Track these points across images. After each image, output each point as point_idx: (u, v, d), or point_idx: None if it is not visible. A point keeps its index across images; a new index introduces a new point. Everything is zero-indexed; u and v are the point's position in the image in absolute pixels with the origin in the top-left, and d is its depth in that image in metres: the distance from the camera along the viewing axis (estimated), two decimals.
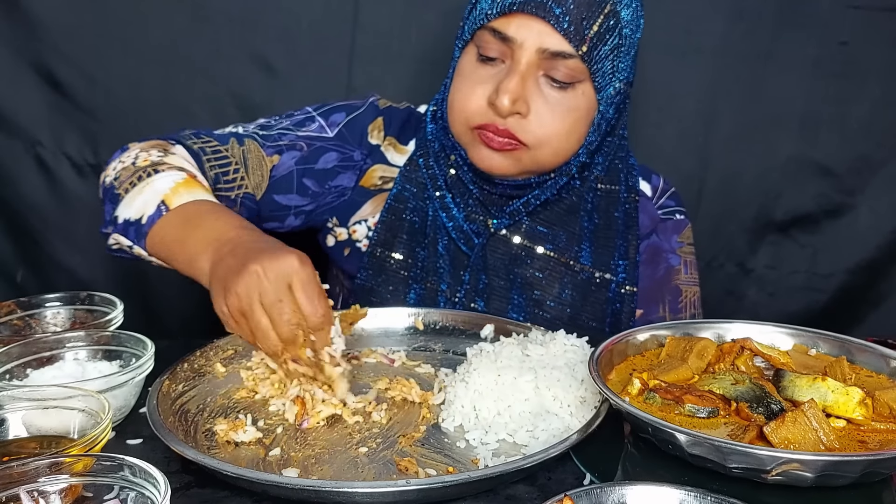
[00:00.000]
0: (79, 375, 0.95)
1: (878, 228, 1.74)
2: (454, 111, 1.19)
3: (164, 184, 1.05)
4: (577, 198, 1.27)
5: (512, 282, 1.26)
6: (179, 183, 1.06)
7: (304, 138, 1.27)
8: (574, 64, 1.10)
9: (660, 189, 1.36)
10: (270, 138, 1.25)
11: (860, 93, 1.67)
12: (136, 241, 1.05)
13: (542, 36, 1.09)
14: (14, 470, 0.66)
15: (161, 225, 1.03)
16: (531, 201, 1.24)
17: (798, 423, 0.76)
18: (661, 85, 1.67)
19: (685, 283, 1.34)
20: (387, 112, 1.32)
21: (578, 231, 1.27)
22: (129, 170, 1.09)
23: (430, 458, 0.84)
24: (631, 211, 1.30)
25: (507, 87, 1.11)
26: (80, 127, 1.65)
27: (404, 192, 1.28)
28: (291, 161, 1.25)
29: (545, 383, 0.90)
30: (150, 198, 1.04)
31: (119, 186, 1.08)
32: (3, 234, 1.70)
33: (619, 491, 0.67)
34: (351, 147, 1.29)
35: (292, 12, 1.62)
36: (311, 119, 1.29)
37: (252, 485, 0.76)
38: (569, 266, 1.26)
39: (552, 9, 1.07)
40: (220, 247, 0.96)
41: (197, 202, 1.05)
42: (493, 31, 1.12)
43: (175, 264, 1.03)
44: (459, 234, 1.26)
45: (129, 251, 1.08)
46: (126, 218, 1.05)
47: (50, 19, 1.58)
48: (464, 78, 1.18)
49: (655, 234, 1.34)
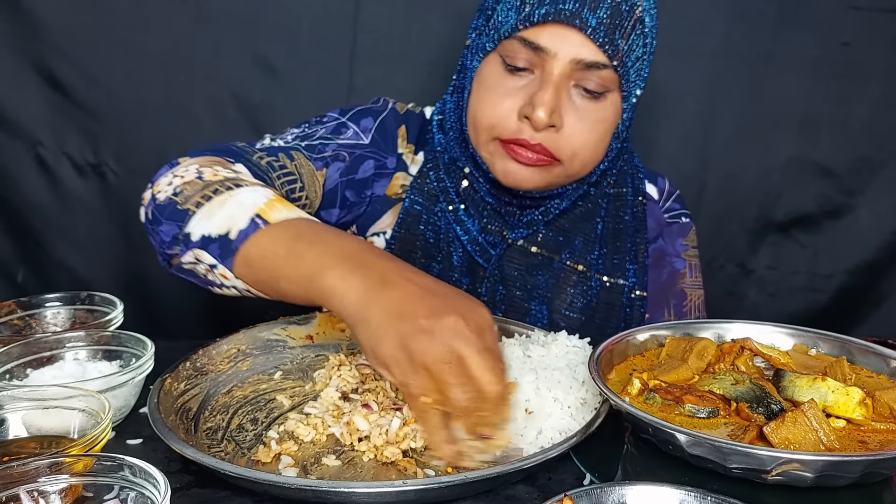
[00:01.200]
0: (79, 375, 0.96)
1: (879, 229, 1.74)
2: (479, 123, 1.14)
3: (253, 198, 0.91)
4: (593, 204, 1.25)
5: (530, 292, 1.24)
6: (272, 199, 0.91)
7: (344, 147, 1.21)
8: (607, 74, 1.08)
9: (666, 192, 1.34)
10: (314, 149, 1.17)
11: (861, 93, 1.67)
12: (222, 260, 0.88)
13: (576, 46, 1.05)
14: (14, 470, 0.66)
15: (259, 239, 0.87)
16: (551, 210, 1.21)
17: (798, 424, 0.76)
18: (661, 85, 1.67)
19: (690, 286, 1.33)
20: (405, 118, 1.28)
21: (594, 237, 1.25)
22: (196, 184, 0.93)
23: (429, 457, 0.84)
24: (639, 214, 1.28)
25: (544, 100, 1.06)
26: (82, 127, 1.66)
27: (415, 205, 1.24)
28: (337, 174, 1.19)
29: (546, 384, 0.90)
30: (238, 212, 0.89)
31: (185, 202, 0.91)
32: (4, 234, 1.70)
33: (619, 491, 0.67)
34: (384, 153, 1.25)
35: (293, 13, 1.62)
36: (344, 126, 1.23)
37: (252, 485, 0.76)
38: (584, 273, 1.25)
39: (587, 19, 1.04)
40: (365, 269, 0.82)
41: (303, 219, 0.91)
42: (523, 41, 1.07)
43: (281, 283, 0.87)
44: (475, 247, 1.23)
45: (202, 275, 0.92)
46: (205, 234, 0.89)
47: (51, 20, 1.58)
48: (488, 89, 1.13)
49: (661, 238, 1.32)
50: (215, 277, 0.91)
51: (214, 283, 0.92)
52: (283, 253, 0.86)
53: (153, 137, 1.64)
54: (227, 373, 1.03)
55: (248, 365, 1.05)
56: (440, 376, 0.77)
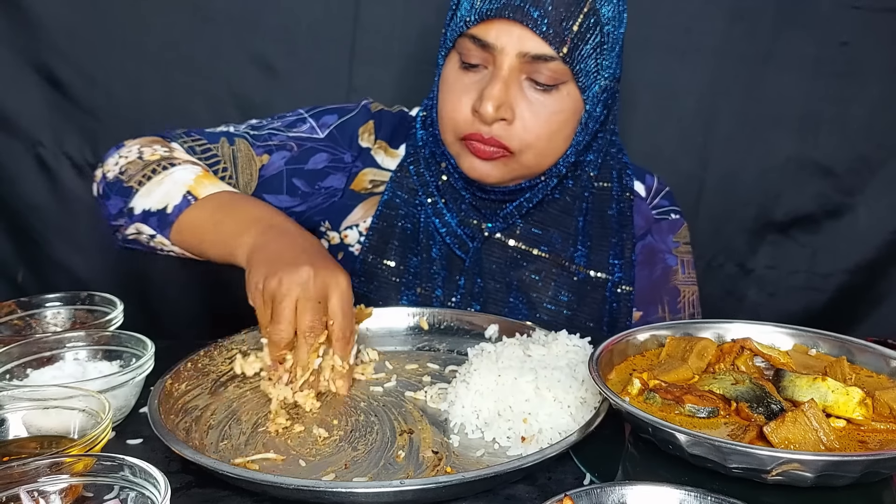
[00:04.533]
0: (79, 375, 0.95)
1: (878, 228, 1.74)
2: (443, 122, 1.19)
3: (184, 175, 1.10)
4: (572, 197, 1.26)
5: (508, 285, 1.25)
6: (200, 175, 1.11)
7: (294, 139, 1.27)
8: (556, 66, 1.09)
9: (654, 189, 1.35)
10: (260, 138, 1.26)
11: (860, 93, 1.67)
12: (160, 230, 1.08)
13: (521, 40, 1.08)
14: (14, 470, 0.66)
15: (191, 212, 1.07)
16: (524, 204, 1.23)
17: (798, 423, 0.76)
18: (661, 84, 1.67)
19: (683, 282, 1.33)
20: (377, 115, 1.32)
21: (573, 231, 1.26)
22: (138, 164, 1.12)
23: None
24: (625, 209, 1.29)
25: (491, 94, 1.09)
26: (81, 127, 1.66)
27: (395, 198, 1.28)
28: (281, 161, 1.25)
29: (546, 384, 0.90)
30: (173, 188, 1.08)
31: (129, 179, 1.11)
32: (4, 233, 1.70)
33: (619, 491, 0.67)
34: (342, 149, 1.30)
35: (293, 12, 1.62)
36: (302, 120, 1.30)
37: (252, 485, 0.76)
38: (564, 267, 1.26)
39: (530, 12, 1.06)
40: (267, 228, 1.02)
41: (226, 191, 1.11)
42: (472, 39, 1.10)
43: (205, 247, 1.07)
44: (454, 239, 1.25)
45: (145, 242, 1.12)
46: (146, 208, 1.09)
47: (51, 19, 1.58)
48: (448, 87, 1.17)
49: (650, 235, 1.32)
50: (156, 244, 1.12)
51: (155, 248, 1.13)
52: (204, 222, 1.07)
53: None
54: (228, 373, 1.03)
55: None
56: (275, 311, 0.93)
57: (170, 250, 1.12)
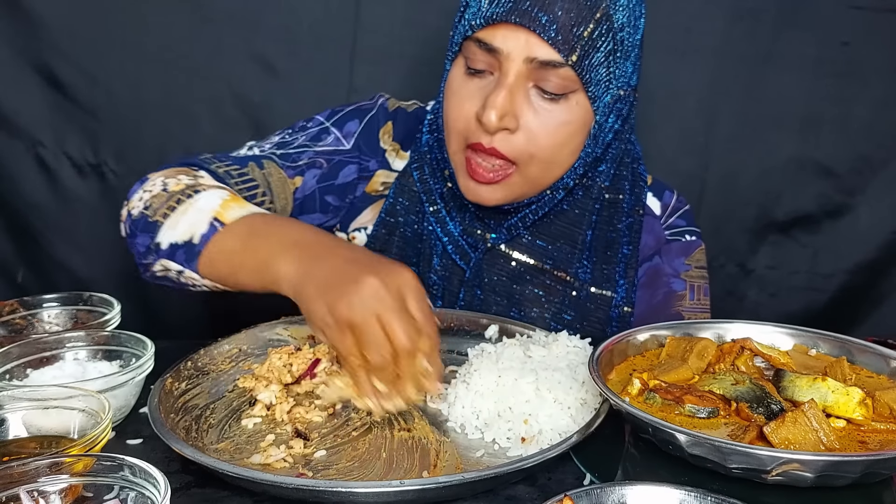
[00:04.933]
0: (79, 375, 0.96)
1: (879, 229, 1.74)
2: (448, 129, 1.13)
3: (209, 202, 1.00)
4: (581, 209, 1.20)
5: (509, 299, 1.21)
6: (227, 199, 1.01)
7: (322, 154, 1.22)
8: (565, 73, 1.03)
9: (671, 207, 1.28)
10: (289, 158, 1.20)
11: (861, 93, 1.67)
12: (188, 264, 0.98)
13: (529, 45, 1.02)
14: (14, 470, 0.66)
15: (218, 240, 0.97)
16: (529, 216, 1.18)
17: (798, 424, 0.76)
18: (661, 85, 1.66)
19: (690, 309, 1.23)
20: (395, 115, 1.28)
21: (581, 244, 1.20)
22: (161, 196, 1.02)
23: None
24: (634, 224, 1.23)
25: (495, 103, 1.03)
26: (81, 127, 1.65)
27: (397, 205, 1.24)
28: (313, 181, 1.21)
29: (546, 385, 0.90)
30: (197, 217, 0.98)
31: (154, 213, 1.01)
32: (4, 233, 1.70)
33: (619, 491, 0.67)
34: (367, 157, 1.26)
35: (293, 12, 1.62)
36: (325, 131, 1.25)
37: (251, 485, 0.76)
38: (568, 283, 1.21)
39: (538, 17, 1.00)
40: (305, 250, 0.91)
41: (256, 214, 1.01)
42: (478, 42, 1.05)
43: (240, 276, 0.97)
44: (455, 249, 1.21)
45: (174, 279, 1.02)
46: (172, 242, 0.99)
47: (51, 19, 1.58)
48: (452, 93, 1.11)
49: (658, 256, 1.25)
50: (186, 280, 1.01)
51: (187, 284, 1.02)
52: (239, 249, 0.96)
53: (153, 137, 1.64)
54: (229, 372, 1.03)
55: (249, 365, 1.05)
56: (361, 336, 0.83)
57: (202, 285, 1.01)
